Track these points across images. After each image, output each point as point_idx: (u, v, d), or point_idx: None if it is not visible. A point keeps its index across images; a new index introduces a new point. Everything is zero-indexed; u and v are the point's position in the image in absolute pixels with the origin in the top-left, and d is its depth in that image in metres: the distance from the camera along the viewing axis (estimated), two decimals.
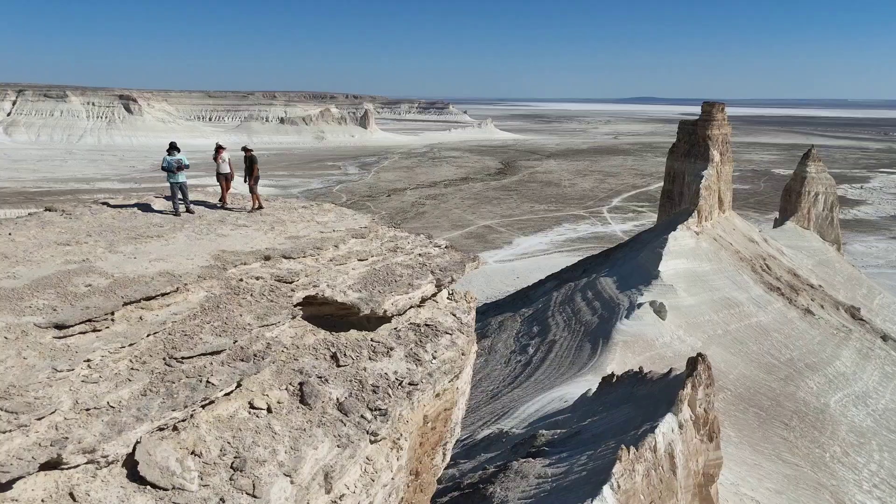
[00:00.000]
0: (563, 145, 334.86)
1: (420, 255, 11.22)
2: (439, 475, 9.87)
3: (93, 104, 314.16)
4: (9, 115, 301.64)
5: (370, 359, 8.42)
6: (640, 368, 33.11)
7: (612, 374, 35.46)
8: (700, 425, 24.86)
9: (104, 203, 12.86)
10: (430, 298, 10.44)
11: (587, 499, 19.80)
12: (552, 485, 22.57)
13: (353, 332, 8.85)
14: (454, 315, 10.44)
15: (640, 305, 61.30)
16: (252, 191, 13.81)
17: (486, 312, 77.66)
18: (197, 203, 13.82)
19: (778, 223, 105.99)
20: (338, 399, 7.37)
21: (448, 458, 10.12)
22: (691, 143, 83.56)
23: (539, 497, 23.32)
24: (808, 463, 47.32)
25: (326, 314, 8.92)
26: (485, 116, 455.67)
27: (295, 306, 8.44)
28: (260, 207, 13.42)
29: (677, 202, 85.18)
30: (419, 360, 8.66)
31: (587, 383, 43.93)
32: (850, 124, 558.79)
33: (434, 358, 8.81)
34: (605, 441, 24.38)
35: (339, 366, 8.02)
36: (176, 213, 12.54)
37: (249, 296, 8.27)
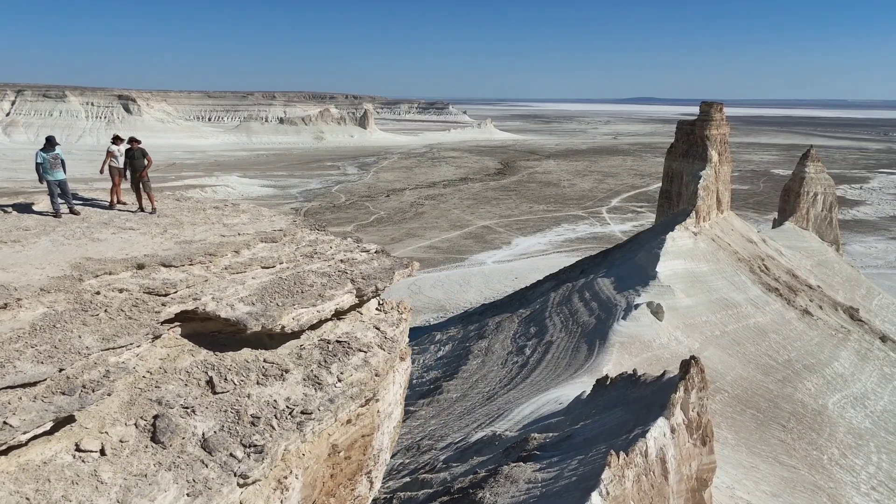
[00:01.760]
0: (563, 145, 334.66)
1: (342, 261, 10.02)
2: None
3: (92, 104, 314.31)
4: (8, 115, 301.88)
5: (258, 383, 7.24)
6: (634, 371, 32.66)
7: (606, 377, 35.02)
8: (693, 429, 24.43)
9: None
10: (353, 310, 9.29)
11: None
12: (542, 490, 22.13)
13: (246, 352, 7.70)
14: (378, 329, 9.27)
15: (637, 306, 60.81)
16: (146, 189, 12.38)
17: (484, 313, 77.30)
18: (90, 204, 12.45)
19: (777, 223, 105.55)
20: (203, 434, 6.25)
21: (377, 486, 9.07)
22: (689, 144, 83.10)
23: (528, 503, 22.90)
24: (806, 465, 46.85)
25: (213, 331, 7.72)
26: (484, 117, 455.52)
27: (165, 323, 7.30)
28: (142, 209, 12.19)
29: (675, 202, 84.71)
30: (320, 384, 7.50)
31: (583, 385, 43.46)
32: (849, 125, 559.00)
33: (339, 381, 7.69)
34: (596, 445, 23.95)
35: (215, 392, 6.87)
36: (56, 214, 11.36)
37: (104, 312, 7.05)
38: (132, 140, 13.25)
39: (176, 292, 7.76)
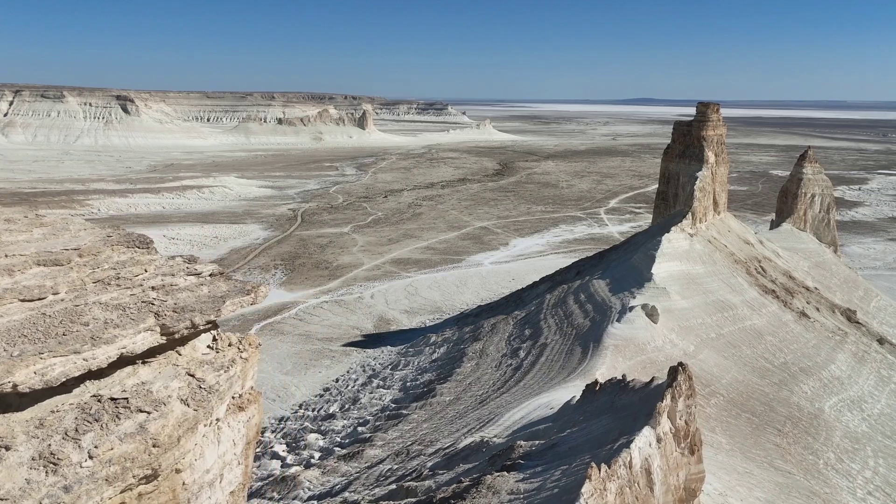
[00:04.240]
0: (562, 146, 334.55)
1: (154, 288, 7.86)
2: None
3: (90, 105, 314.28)
4: (5, 115, 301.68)
5: None
6: (623, 376, 32.07)
7: (596, 382, 34.42)
8: (680, 438, 23.88)
9: None
10: (166, 350, 7.42)
11: None
12: (523, 502, 21.58)
13: None
14: (192, 376, 7.27)
15: (632, 308, 60.18)
16: None
17: (480, 315, 76.79)
18: None
19: (774, 225, 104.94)
20: None
21: None
22: (686, 144, 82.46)
23: None
24: (801, 470, 46.23)
25: None
26: (483, 117, 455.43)
27: None
28: None
29: (672, 204, 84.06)
30: (56, 465, 5.66)
31: (574, 389, 42.84)
32: (848, 126, 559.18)
33: (91, 457, 5.82)
34: (580, 455, 23.39)
35: None
36: None
37: None
38: None
39: None
